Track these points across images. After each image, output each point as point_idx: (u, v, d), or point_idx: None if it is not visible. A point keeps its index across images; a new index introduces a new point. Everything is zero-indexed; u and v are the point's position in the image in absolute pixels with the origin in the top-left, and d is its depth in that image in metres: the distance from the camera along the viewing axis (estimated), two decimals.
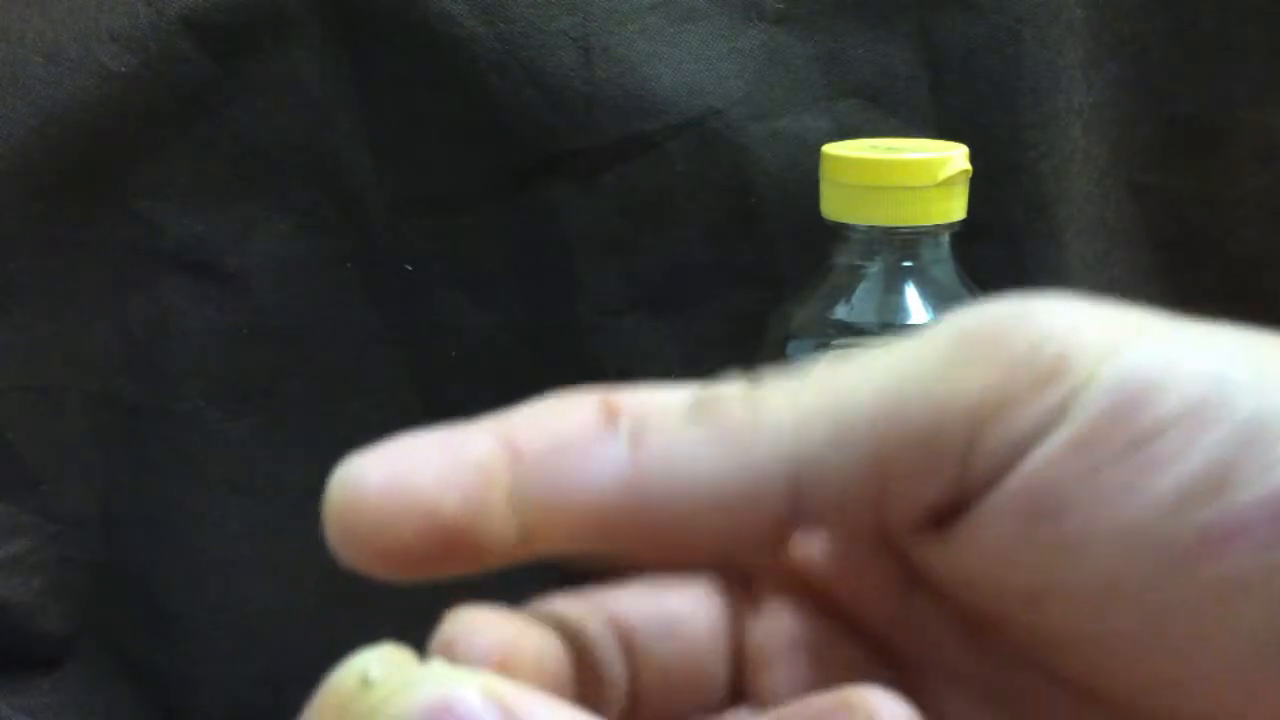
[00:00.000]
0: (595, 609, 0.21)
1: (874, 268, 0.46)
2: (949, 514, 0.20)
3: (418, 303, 0.55)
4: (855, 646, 0.22)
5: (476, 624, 0.20)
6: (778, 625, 0.22)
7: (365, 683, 0.18)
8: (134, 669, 0.55)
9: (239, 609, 0.55)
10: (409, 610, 0.56)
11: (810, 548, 0.22)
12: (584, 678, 0.20)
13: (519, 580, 0.21)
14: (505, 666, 0.19)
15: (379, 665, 0.18)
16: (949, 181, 0.44)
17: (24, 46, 0.50)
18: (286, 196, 0.53)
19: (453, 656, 0.19)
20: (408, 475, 0.19)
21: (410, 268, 0.54)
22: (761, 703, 0.21)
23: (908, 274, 0.46)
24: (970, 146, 0.45)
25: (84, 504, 0.54)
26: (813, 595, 0.22)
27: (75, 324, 0.53)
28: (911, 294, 0.46)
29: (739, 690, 0.22)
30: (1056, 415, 0.19)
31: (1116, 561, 0.18)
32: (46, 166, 0.50)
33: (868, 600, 0.22)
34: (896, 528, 0.20)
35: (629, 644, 0.21)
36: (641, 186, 0.53)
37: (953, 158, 0.44)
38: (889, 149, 0.45)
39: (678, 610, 0.22)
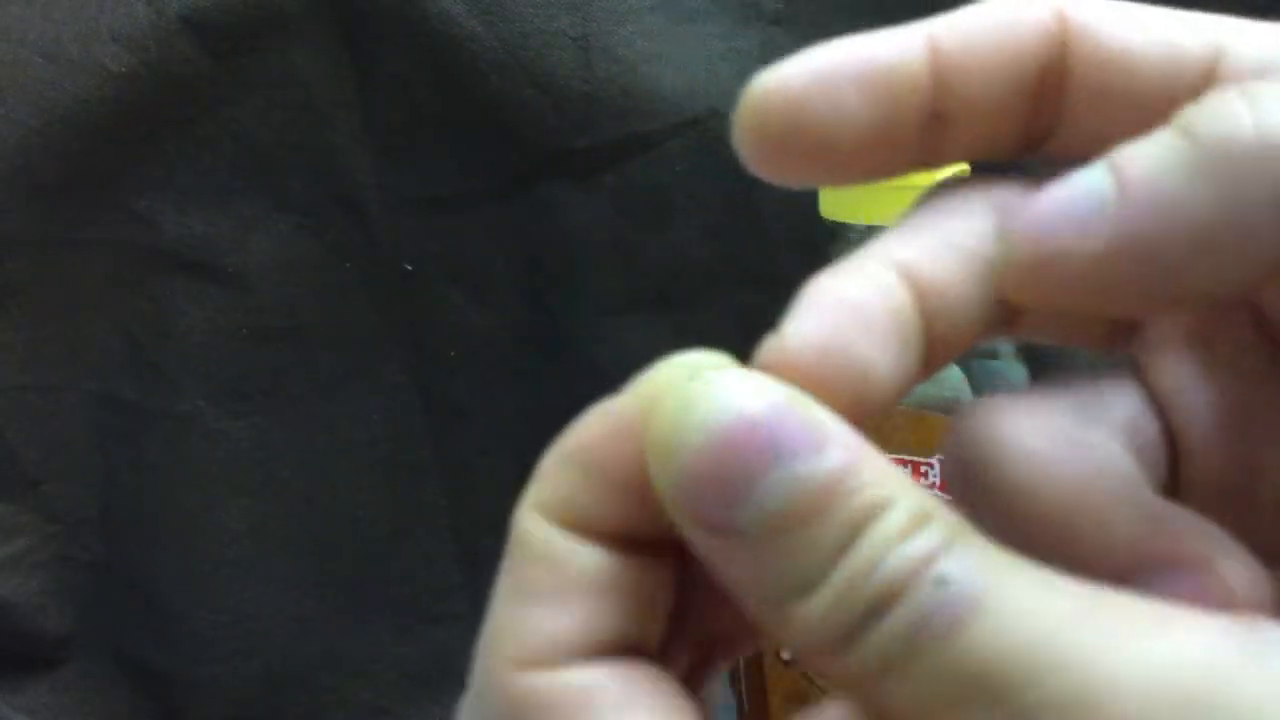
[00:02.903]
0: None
1: None
2: None
3: (418, 303, 0.55)
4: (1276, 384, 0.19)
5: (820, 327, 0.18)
6: (1190, 374, 0.20)
7: (695, 373, 0.17)
8: (133, 669, 0.55)
9: (239, 609, 0.55)
10: (409, 612, 0.56)
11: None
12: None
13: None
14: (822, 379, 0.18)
15: (712, 361, 0.18)
16: None
17: (24, 46, 0.50)
18: (286, 196, 0.53)
19: (785, 364, 0.18)
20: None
21: (410, 268, 0.54)
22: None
23: None
24: None
25: (84, 504, 0.54)
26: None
27: (75, 324, 0.53)
28: None
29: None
30: None
31: None
32: (46, 166, 0.50)
33: None
34: None
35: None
36: (641, 186, 0.53)
37: None
38: None
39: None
